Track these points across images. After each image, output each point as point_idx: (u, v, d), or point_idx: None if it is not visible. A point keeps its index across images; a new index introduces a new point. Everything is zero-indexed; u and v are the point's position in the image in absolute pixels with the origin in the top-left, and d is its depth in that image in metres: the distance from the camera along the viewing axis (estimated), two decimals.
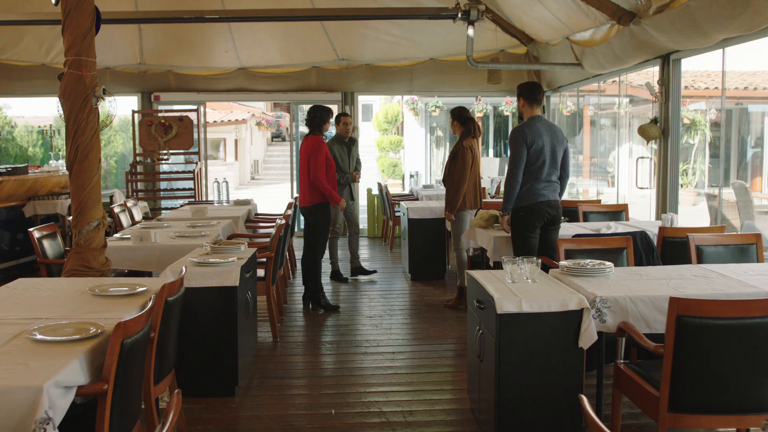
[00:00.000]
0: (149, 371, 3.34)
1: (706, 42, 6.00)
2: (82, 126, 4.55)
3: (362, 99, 28.74)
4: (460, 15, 8.33)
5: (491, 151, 19.16)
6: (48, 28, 9.61)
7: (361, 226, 11.99)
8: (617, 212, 7.00)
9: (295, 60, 11.03)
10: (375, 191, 11.76)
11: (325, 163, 6.43)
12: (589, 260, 4.09)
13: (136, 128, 11.04)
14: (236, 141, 24.36)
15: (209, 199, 11.58)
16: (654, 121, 7.20)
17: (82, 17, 4.53)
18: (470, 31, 8.57)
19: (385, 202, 10.63)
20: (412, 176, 18.34)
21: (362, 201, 12.03)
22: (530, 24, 9.45)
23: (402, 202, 8.83)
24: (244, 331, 4.68)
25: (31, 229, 5.53)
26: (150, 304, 3.01)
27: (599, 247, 4.71)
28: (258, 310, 6.19)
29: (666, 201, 7.09)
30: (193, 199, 10.74)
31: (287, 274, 8.05)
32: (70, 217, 8.81)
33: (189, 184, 11.21)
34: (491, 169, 17.33)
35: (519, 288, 3.62)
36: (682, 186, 14.43)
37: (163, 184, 11.55)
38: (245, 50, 10.69)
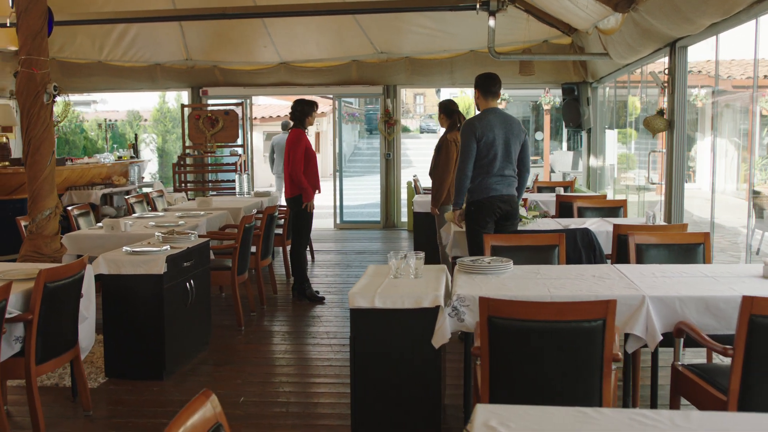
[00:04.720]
0: (30, 351, 3.57)
1: (694, 28, 5.66)
2: (33, 120, 4.86)
3: (449, 91, 28.39)
4: (479, 6, 8.18)
5: (564, 145, 18.55)
6: (97, 27, 10.24)
7: (403, 219, 12.06)
8: (614, 208, 6.67)
9: (333, 54, 11.18)
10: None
11: (305, 157, 6.51)
12: (489, 257, 3.96)
13: (185, 122, 11.54)
14: (318, 134, 24.80)
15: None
16: (660, 112, 6.80)
17: (32, 18, 4.82)
18: (491, 22, 8.39)
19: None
20: None
21: (403, 195, 12.06)
22: (561, 13, 9.12)
23: (416, 196, 8.78)
24: (183, 318, 4.85)
25: (18, 218, 5.93)
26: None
27: (530, 244, 4.53)
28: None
29: (671, 196, 6.70)
30: (234, 191, 11.14)
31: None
32: (105, 206, 9.29)
33: (234, 176, 11.60)
34: (564, 164, 16.72)
35: (391, 284, 3.57)
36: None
37: (211, 176, 12.02)
38: (283, 45, 10.93)
